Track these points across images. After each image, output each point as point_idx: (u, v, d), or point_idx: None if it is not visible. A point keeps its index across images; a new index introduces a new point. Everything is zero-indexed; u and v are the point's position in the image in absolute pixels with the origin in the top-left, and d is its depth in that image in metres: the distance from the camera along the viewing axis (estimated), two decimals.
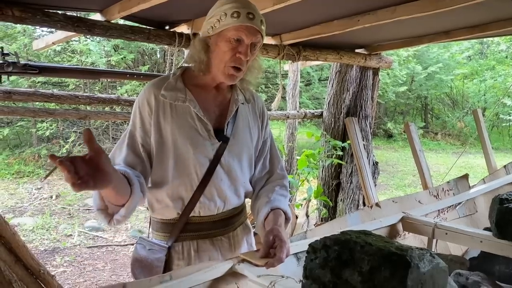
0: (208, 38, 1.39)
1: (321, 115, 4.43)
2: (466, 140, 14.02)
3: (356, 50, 3.92)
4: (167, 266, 1.44)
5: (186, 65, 1.50)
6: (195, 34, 2.68)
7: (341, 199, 4.23)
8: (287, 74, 4.69)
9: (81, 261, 4.42)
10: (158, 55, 9.85)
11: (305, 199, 3.96)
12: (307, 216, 3.78)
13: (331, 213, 4.30)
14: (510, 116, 13.37)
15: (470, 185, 2.77)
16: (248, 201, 1.59)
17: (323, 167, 4.33)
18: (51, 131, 8.22)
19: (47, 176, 1.23)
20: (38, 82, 8.26)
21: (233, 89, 1.52)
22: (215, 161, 1.42)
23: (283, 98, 5.29)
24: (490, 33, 3.21)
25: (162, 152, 1.40)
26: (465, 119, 15.04)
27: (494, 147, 13.05)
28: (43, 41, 3.06)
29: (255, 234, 1.68)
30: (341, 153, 4.07)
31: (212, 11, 1.38)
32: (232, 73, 1.39)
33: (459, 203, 2.57)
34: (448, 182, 2.65)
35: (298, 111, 4.38)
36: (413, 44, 3.73)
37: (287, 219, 1.47)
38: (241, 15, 1.31)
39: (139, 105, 1.41)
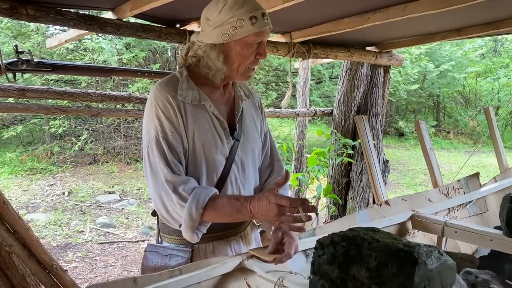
0: (222, 45, 1.36)
1: (331, 113, 4.42)
2: (478, 139, 13.86)
3: (367, 48, 3.90)
4: None
5: (187, 64, 1.47)
6: None
7: (350, 197, 4.23)
8: (297, 72, 4.68)
9: (93, 257, 4.47)
10: (169, 53, 9.89)
11: (314, 197, 3.96)
12: (317, 214, 3.78)
13: (341, 211, 4.29)
14: None
15: (481, 183, 2.74)
16: None
17: (333, 165, 4.32)
18: (64, 128, 8.32)
19: None
20: (51, 80, 8.36)
21: (234, 85, 1.53)
22: (230, 159, 1.43)
23: (293, 96, 5.30)
24: (504, 31, 3.17)
25: (190, 154, 1.39)
26: (477, 117, 14.85)
27: (508, 146, 12.89)
28: (56, 39, 3.10)
29: (262, 232, 1.69)
30: (351, 151, 4.06)
31: (222, 17, 1.32)
32: (250, 74, 1.42)
33: (470, 202, 2.55)
34: (458, 180, 2.63)
35: (308, 109, 4.38)
36: (424, 41, 3.70)
37: None
38: (259, 19, 1.31)
39: (160, 108, 1.34)
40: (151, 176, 1.34)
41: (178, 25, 2.81)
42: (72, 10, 2.33)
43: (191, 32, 2.75)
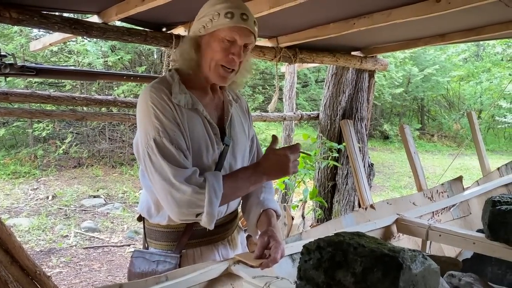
0: (199, 38, 1.37)
1: (317, 117, 4.45)
2: (462, 142, 14.06)
3: (352, 53, 3.94)
4: None
5: (175, 67, 1.46)
6: None
7: (336, 201, 4.25)
8: (284, 76, 4.70)
9: (77, 262, 4.42)
10: (155, 56, 9.84)
11: (301, 200, 3.97)
12: (303, 217, 3.80)
13: (327, 214, 4.31)
14: (505, 118, 13.43)
15: (464, 187, 2.79)
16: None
17: (319, 169, 4.35)
18: (48, 131, 8.18)
19: None
20: (35, 82, 8.23)
21: (223, 90, 1.52)
22: (220, 165, 1.41)
23: (280, 99, 5.32)
24: (485, 36, 3.24)
25: None
26: (461, 121, 15.09)
27: (490, 149, 13.12)
28: (40, 42, 3.06)
29: (248, 236, 1.69)
30: (336, 155, 4.09)
31: (203, 11, 1.37)
32: (223, 75, 1.37)
33: (453, 205, 2.59)
34: (442, 184, 2.67)
35: (294, 113, 4.40)
36: (408, 46, 3.75)
37: (277, 216, 1.52)
38: (235, 15, 1.31)
39: (158, 109, 1.30)
40: (157, 176, 1.29)
41: (164, 29, 2.80)
42: (56, 14, 2.30)
43: (178, 36, 2.75)
